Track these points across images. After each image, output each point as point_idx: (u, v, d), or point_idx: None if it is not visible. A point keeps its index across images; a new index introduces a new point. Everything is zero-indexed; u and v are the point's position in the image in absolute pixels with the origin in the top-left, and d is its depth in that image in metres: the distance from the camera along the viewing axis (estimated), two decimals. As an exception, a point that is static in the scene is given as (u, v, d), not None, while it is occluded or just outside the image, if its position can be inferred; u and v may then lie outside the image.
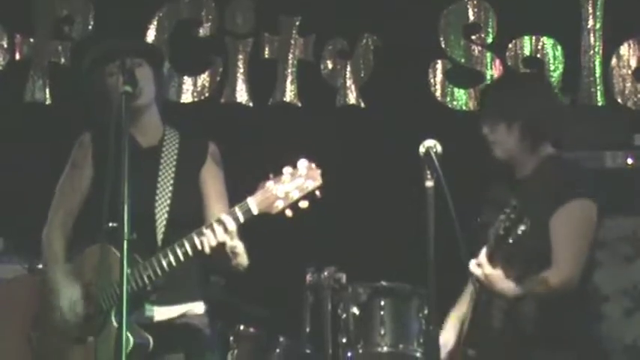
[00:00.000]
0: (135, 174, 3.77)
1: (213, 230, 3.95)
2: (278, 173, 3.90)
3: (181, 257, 3.98)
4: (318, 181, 3.88)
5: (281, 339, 5.30)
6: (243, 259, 4.14)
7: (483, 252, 4.08)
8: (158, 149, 4.36)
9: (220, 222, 3.96)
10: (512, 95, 4.45)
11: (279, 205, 3.87)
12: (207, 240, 3.95)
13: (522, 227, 3.89)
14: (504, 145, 4.40)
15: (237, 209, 3.95)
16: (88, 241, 4.15)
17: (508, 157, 4.42)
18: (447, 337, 4.48)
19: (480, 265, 4.09)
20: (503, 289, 4.14)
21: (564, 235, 4.21)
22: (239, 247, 4.05)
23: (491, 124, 4.43)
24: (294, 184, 3.87)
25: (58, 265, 4.24)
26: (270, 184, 3.89)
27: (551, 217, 4.22)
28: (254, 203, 3.91)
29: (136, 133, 4.32)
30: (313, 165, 3.92)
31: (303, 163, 3.90)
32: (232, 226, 3.94)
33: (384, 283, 5.16)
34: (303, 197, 3.87)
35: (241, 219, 3.96)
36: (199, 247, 3.95)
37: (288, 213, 3.88)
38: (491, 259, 4.06)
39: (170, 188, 4.27)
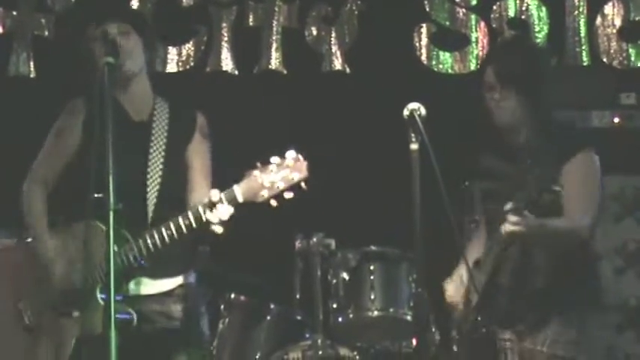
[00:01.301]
0: (125, 148, 3.78)
1: (198, 214, 3.97)
2: (265, 162, 3.90)
3: (166, 239, 4.01)
4: (304, 174, 3.90)
5: (272, 306, 5.30)
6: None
7: (514, 208, 4.12)
8: (148, 123, 4.35)
9: (206, 207, 3.98)
10: (526, 62, 4.46)
11: (264, 194, 3.90)
12: (191, 223, 3.98)
13: (557, 187, 4.02)
14: (513, 111, 4.41)
15: (223, 196, 3.95)
16: (74, 212, 4.15)
17: (512, 122, 4.43)
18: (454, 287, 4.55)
19: (519, 220, 4.11)
20: (557, 228, 4.23)
21: (579, 184, 4.28)
22: (218, 229, 4.06)
23: (502, 89, 4.43)
24: (280, 174, 3.88)
25: (44, 235, 4.26)
26: (256, 173, 3.91)
27: (561, 171, 4.26)
28: (239, 191, 3.94)
29: (126, 104, 4.32)
30: (301, 157, 3.91)
31: (290, 154, 3.91)
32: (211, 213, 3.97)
33: (373, 247, 5.17)
34: (288, 188, 3.90)
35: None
36: (184, 230, 3.97)
37: (273, 203, 3.92)
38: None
39: (161, 163, 4.28)
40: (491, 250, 4.33)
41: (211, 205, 3.96)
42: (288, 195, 3.91)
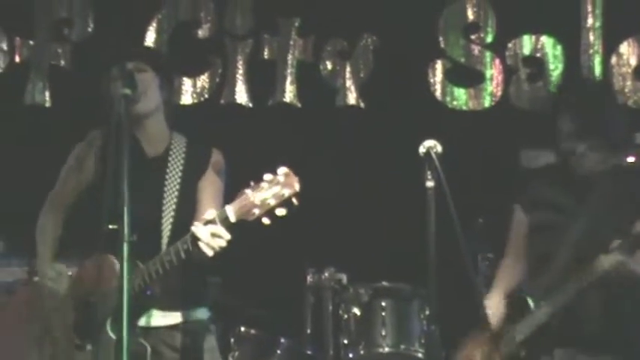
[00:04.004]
0: (141, 183, 3.78)
1: (194, 239, 3.95)
2: (259, 180, 3.86)
3: (167, 266, 4.00)
4: (294, 189, 3.80)
5: (282, 340, 5.29)
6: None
7: (621, 244, 4.19)
8: (164, 158, 4.35)
9: (199, 225, 3.95)
10: (607, 113, 4.51)
11: (256, 212, 3.82)
12: (189, 247, 3.96)
13: None
14: (596, 161, 4.41)
15: (215, 217, 3.93)
16: (88, 245, 4.15)
17: (595, 170, 4.44)
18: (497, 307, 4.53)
19: (622, 259, 4.18)
20: None
21: None
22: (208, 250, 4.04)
23: (587, 140, 4.41)
24: (271, 191, 3.80)
25: (47, 268, 4.29)
26: (248, 191, 3.84)
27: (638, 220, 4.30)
28: (232, 211, 3.88)
29: (142, 141, 4.33)
30: (291, 172, 3.83)
31: (281, 170, 3.83)
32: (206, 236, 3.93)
33: (385, 283, 5.16)
34: (279, 205, 3.80)
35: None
36: (183, 255, 3.97)
37: (265, 221, 3.82)
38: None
39: (175, 198, 4.28)
40: (572, 284, 4.29)
41: (205, 224, 3.93)
42: (281, 212, 3.80)
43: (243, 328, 5.37)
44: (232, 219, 3.89)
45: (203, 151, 4.43)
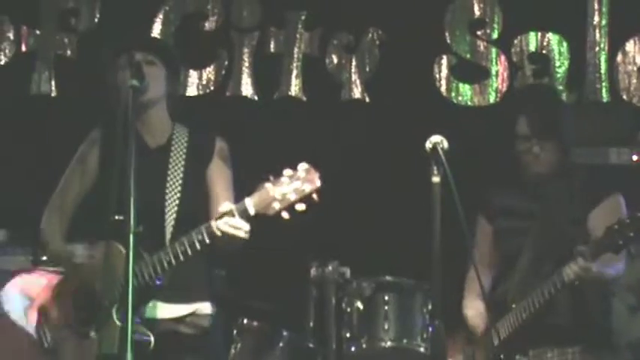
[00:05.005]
0: (143, 173, 3.79)
1: (210, 230, 3.96)
2: (278, 174, 3.88)
3: (180, 257, 4.00)
4: (316, 185, 3.86)
5: (284, 333, 5.29)
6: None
7: (584, 251, 4.25)
8: (167, 148, 4.37)
9: (217, 219, 3.98)
10: (560, 113, 4.71)
11: (276, 206, 3.86)
12: (204, 239, 3.97)
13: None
14: (550, 161, 4.51)
15: (234, 209, 3.94)
16: (94, 235, 4.17)
17: (549, 172, 4.54)
18: (477, 322, 4.63)
19: (586, 266, 4.25)
20: (609, 275, 4.40)
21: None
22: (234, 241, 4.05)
23: (539, 141, 4.58)
24: (292, 186, 3.85)
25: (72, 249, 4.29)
26: (268, 185, 3.88)
27: (589, 215, 4.44)
28: (251, 204, 3.92)
29: (144, 132, 4.33)
30: (312, 168, 3.88)
31: (302, 166, 3.87)
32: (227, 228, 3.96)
33: (388, 277, 5.16)
34: (300, 200, 3.86)
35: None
36: (198, 246, 3.97)
37: (285, 215, 3.87)
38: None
39: (179, 186, 4.30)
40: (542, 288, 4.39)
41: (221, 217, 3.94)
42: (300, 207, 3.86)
43: (245, 321, 5.37)
44: (251, 212, 3.92)
45: (206, 139, 4.44)
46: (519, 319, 4.43)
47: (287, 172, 3.87)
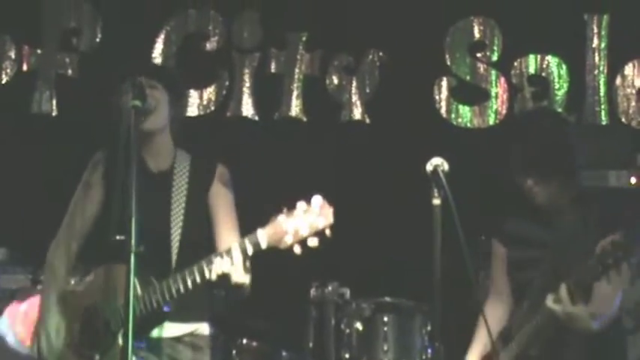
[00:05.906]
0: (147, 198, 3.77)
1: (221, 260, 3.95)
2: (291, 207, 3.83)
3: (190, 285, 3.98)
4: (329, 220, 3.81)
5: (284, 353, 5.31)
6: (244, 283, 4.11)
7: (563, 288, 4.08)
8: (169, 173, 4.36)
9: (229, 253, 3.95)
10: (559, 149, 4.31)
11: (288, 240, 3.82)
12: (215, 270, 3.95)
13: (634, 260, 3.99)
14: (550, 193, 4.32)
15: (246, 241, 3.92)
16: (96, 257, 4.17)
17: (549, 203, 4.35)
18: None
19: (560, 301, 4.08)
20: (589, 326, 4.12)
21: None
22: (242, 279, 4.03)
23: (538, 179, 4.30)
24: (306, 220, 3.80)
25: (51, 289, 4.28)
26: (281, 217, 3.83)
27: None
28: (264, 237, 3.87)
29: (147, 157, 4.33)
30: (327, 203, 3.83)
31: (316, 200, 3.82)
32: (239, 259, 3.93)
33: (387, 298, 5.17)
34: (313, 234, 3.81)
35: (250, 251, 3.92)
36: (208, 276, 3.96)
37: (297, 250, 3.83)
38: (573, 295, 4.08)
39: (183, 209, 4.28)
40: (533, 321, 4.23)
41: (228, 254, 3.92)
42: (313, 242, 3.82)
43: (245, 341, 5.38)
44: (263, 245, 3.88)
45: (207, 165, 4.44)
46: (514, 351, 4.30)
47: (301, 205, 3.81)
